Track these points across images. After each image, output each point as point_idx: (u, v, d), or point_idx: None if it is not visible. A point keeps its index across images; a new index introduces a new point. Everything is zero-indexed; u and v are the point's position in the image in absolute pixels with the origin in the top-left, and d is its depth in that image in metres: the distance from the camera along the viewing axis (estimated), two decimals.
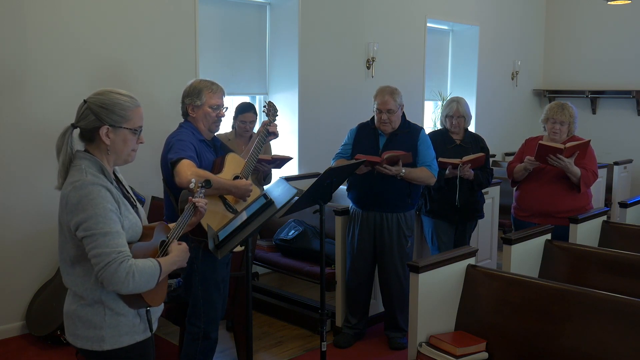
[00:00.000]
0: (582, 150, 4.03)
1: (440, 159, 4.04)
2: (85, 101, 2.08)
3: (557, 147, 3.92)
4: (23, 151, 4.10)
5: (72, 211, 1.97)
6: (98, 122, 2.04)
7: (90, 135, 2.07)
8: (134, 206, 2.16)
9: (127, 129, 2.08)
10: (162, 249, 2.13)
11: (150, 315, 2.16)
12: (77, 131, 2.08)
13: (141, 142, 2.16)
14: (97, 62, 4.38)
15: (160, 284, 2.08)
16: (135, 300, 2.03)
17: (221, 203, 3.09)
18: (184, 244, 2.20)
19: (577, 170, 3.98)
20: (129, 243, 2.03)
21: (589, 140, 4.08)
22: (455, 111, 4.29)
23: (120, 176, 2.22)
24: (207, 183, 2.39)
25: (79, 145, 2.10)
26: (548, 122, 4.18)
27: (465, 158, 4.11)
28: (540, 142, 4.02)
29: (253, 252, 3.47)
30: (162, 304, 2.27)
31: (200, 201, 2.27)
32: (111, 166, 2.12)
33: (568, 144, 3.98)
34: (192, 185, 2.38)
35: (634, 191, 7.32)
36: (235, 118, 4.41)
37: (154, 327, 2.19)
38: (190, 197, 2.29)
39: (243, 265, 3.62)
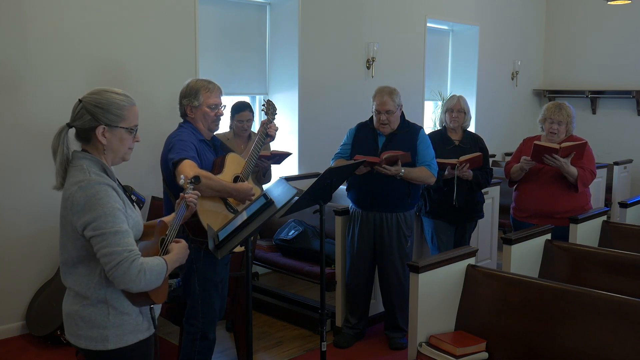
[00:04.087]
0: (579, 151, 4.02)
1: (437, 160, 4.04)
2: (80, 100, 2.06)
3: (553, 147, 3.92)
4: (22, 151, 4.10)
5: (79, 211, 1.96)
6: (94, 122, 2.03)
7: (86, 135, 2.06)
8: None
9: (124, 128, 2.07)
10: (163, 247, 2.15)
11: (154, 312, 2.17)
12: (72, 131, 2.08)
13: (137, 141, 2.15)
14: (97, 62, 4.39)
15: (164, 281, 2.10)
16: (141, 299, 2.04)
17: (222, 204, 3.09)
18: (183, 242, 2.21)
19: (573, 170, 3.98)
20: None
21: (585, 142, 4.07)
22: (455, 104, 4.29)
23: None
24: (196, 179, 2.40)
25: (75, 145, 2.09)
26: (546, 122, 4.18)
27: (462, 158, 4.11)
28: (535, 142, 4.01)
29: (253, 252, 3.47)
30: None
31: (191, 197, 2.30)
32: (110, 165, 2.12)
33: (563, 144, 3.98)
34: (181, 182, 2.39)
35: (634, 191, 7.32)
36: (232, 118, 4.42)
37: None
38: (181, 194, 2.31)
39: (243, 265, 3.62)
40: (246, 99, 5.32)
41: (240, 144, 4.33)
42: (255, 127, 4.95)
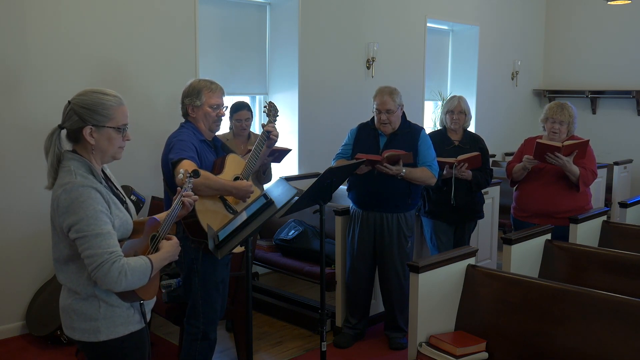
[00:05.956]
0: (581, 150, 4.03)
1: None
2: (69, 102, 2.11)
3: (555, 146, 3.93)
4: (22, 151, 4.10)
5: (63, 213, 2.02)
6: (81, 123, 2.08)
7: (75, 136, 2.11)
8: (123, 202, 2.20)
9: (111, 127, 2.11)
10: (153, 245, 2.18)
11: (144, 307, 2.21)
12: (64, 132, 2.13)
13: (127, 140, 2.19)
14: (97, 62, 4.38)
15: (153, 278, 2.14)
16: (129, 295, 2.10)
17: (221, 204, 3.09)
18: (174, 239, 2.24)
19: (575, 169, 3.99)
20: (121, 240, 2.08)
21: (588, 140, 4.08)
22: (456, 106, 4.29)
23: (108, 172, 2.26)
24: (195, 173, 2.39)
25: (67, 145, 2.14)
26: (547, 122, 4.18)
27: (460, 157, 4.11)
28: (538, 140, 4.02)
29: (253, 252, 3.47)
30: (155, 297, 2.32)
31: (189, 195, 2.30)
32: (99, 165, 2.17)
33: (566, 143, 3.98)
34: (180, 176, 2.38)
35: (634, 191, 7.32)
36: (230, 118, 4.42)
37: (147, 317, 2.25)
38: (178, 188, 2.31)
39: (243, 265, 3.62)
40: (246, 99, 5.33)
41: (240, 144, 4.33)
42: (255, 127, 4.95)
